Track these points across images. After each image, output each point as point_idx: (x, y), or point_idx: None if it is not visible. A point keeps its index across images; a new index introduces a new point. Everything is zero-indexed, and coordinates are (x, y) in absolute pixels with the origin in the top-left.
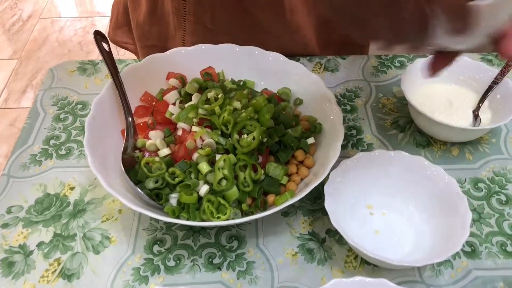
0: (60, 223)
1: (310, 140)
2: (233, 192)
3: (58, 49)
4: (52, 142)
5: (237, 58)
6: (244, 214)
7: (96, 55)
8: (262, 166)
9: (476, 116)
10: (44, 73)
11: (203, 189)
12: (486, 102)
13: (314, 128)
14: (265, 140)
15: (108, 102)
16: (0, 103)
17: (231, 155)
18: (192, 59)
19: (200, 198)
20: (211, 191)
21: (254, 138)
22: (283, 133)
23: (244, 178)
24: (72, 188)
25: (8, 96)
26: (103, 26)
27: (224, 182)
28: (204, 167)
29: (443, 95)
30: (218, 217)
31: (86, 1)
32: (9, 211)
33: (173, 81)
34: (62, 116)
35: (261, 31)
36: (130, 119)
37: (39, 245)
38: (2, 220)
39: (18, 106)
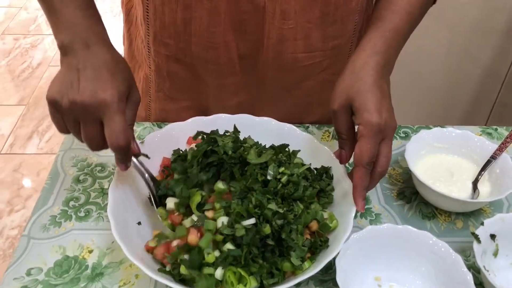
0: (78, 286)
1: (326, 215)
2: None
3: None
4: (71, 203)
5: (254, 127)
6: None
7: None
8: None
9: (475, 188)
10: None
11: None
12: (486, 175)
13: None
14: None
15: (130, 169)
16: (5, 149)
17: None
18: (211, 128)
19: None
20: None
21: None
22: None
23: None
24: (90, 251)
25: (13, 142)
26: None
27: None
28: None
29: (444, 166)
30: None
31: None
32: (28, 273)
33: (193, 145)
34: (81, 177)
35: (217, 97)
36: (153, 190)
37: None
38: (21, 282)
39: (23, 152)
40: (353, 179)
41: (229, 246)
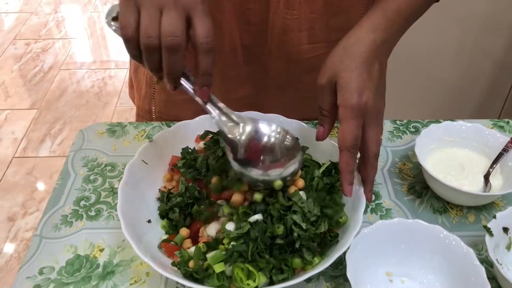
0: (90, 285)
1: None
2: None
3: (77, 100)
4: (82, 203)
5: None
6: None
7: (113, 106)
8: None
9: (486, 181)
10: (62, 123)
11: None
12: (498, 168)
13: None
14: None
15: (139, 168)
16: (18, 152)
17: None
18: None
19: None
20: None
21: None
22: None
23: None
24: (101, 250)
25: (26, 145)
26: (120, 78)
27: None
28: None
29: (456, 160)
30: (248, 284)
31: (103, 54)
32: (41, 272)
33: (202, 144)
34: (92, 177)
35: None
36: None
37: None
38: (34, 281)
39: (36, 155)
40: (339, 164)
41: (233, 242)
